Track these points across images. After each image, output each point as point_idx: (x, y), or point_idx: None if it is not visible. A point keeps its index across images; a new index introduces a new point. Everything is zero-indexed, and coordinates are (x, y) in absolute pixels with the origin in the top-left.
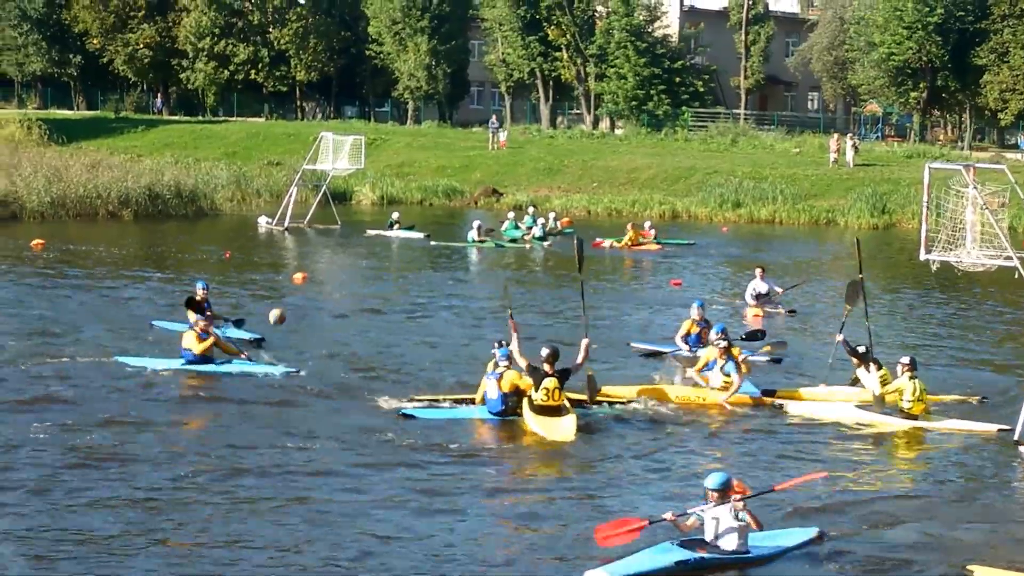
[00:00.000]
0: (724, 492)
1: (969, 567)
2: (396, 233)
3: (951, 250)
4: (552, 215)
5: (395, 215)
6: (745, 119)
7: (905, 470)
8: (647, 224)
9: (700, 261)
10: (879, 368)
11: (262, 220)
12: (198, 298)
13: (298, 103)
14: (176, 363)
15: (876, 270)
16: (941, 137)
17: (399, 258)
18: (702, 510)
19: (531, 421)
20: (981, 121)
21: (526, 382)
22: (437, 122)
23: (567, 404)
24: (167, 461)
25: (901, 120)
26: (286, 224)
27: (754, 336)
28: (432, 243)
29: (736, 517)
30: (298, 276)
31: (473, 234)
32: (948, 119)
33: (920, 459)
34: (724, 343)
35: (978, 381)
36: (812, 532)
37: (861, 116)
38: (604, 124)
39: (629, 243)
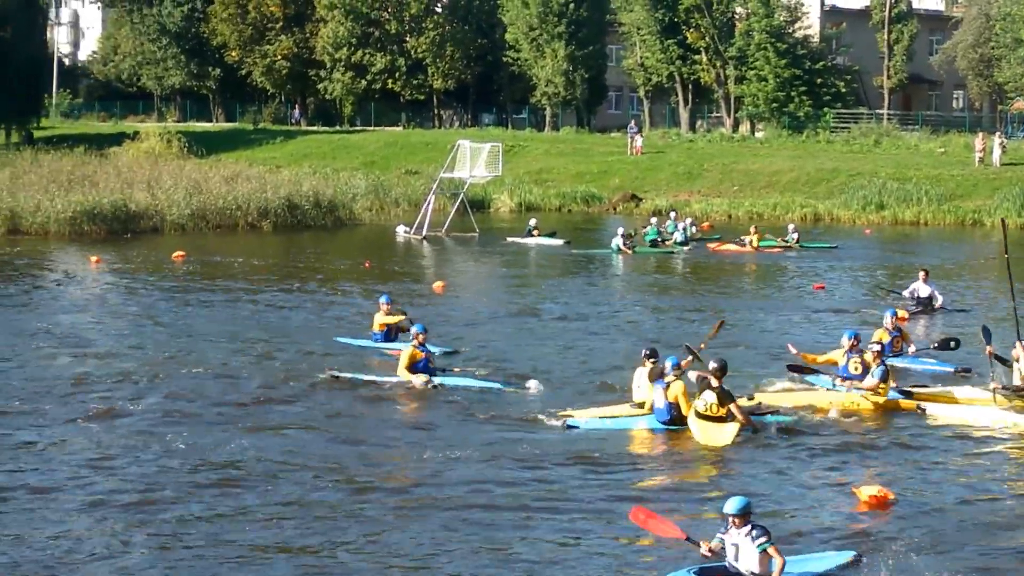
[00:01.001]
0: (745, 517)
1: None
2: (535, 240)
3: None
4: (689, 220)
5: (533, 222)
6: (888, 119)
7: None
8: (790, 227)
9: (843, 264)
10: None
11: (400, 229)
12: (383, 312)
13: (435, 111)
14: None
15: (1019, 272)
16: None
17: (538, 265)
18: (723, 536)
19: (692, 425)
20: None
21: (684, 397)
22: (575, 128)
23: (733, 415)
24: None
25: None
26: (424, 233)
27: (946, 346)
28: (574, 251)
29: (755, 544)
30: (437, 285)
31: (618, 241)
32: None
33: None
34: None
35: None
36: (847, 556)
37: (1008, 114)
38: (744, 127)
39: (755, 246)
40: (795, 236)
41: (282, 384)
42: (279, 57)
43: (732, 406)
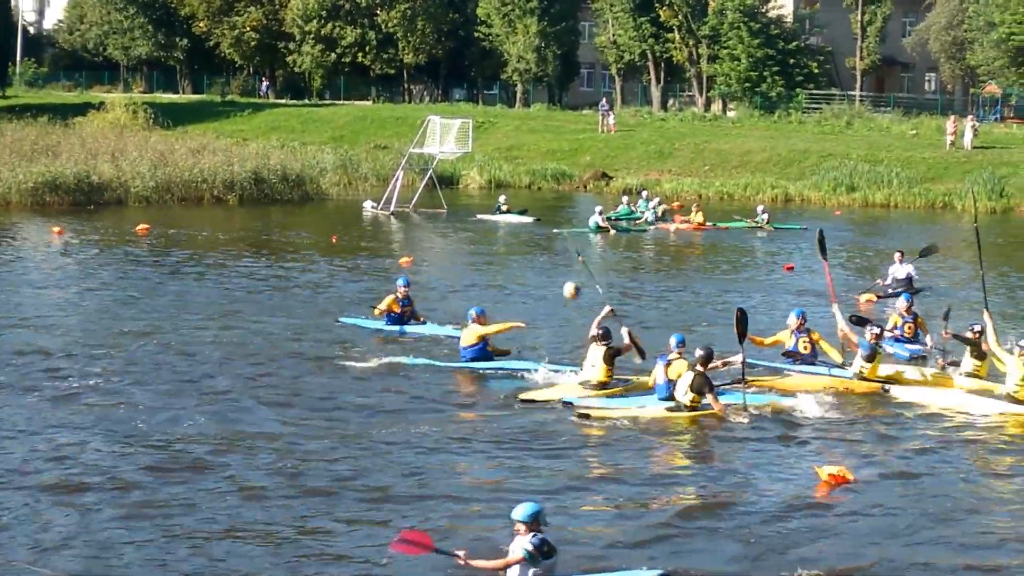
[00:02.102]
0: (533, 525)
1: None
2: (504, 218)
3: None
4: (657, 200)
5: (502, 199)
6: (860, 101)
7: (1010, 459)
8: (760, 208)
9: (812, 246)
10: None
11: (368, 204)
12: (399, 295)
13: (406, 86)
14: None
15: (990, 255)
16: None
17: (506, 243)
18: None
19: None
20: None
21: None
22: (546, 105)
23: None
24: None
25: (1021, 101)
26: (392, 208)
27: (861, 322)
28: (556, 231)
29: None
30: (404, 260)
31: (597, 219)
32: None
33: (1015, 445)
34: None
35: None
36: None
37: (980, 97)
38: (716, 106)
39: (699, 222)
40: (765, 217)
41: (245, 359)
42: (248, 29)
43: (709, 395)
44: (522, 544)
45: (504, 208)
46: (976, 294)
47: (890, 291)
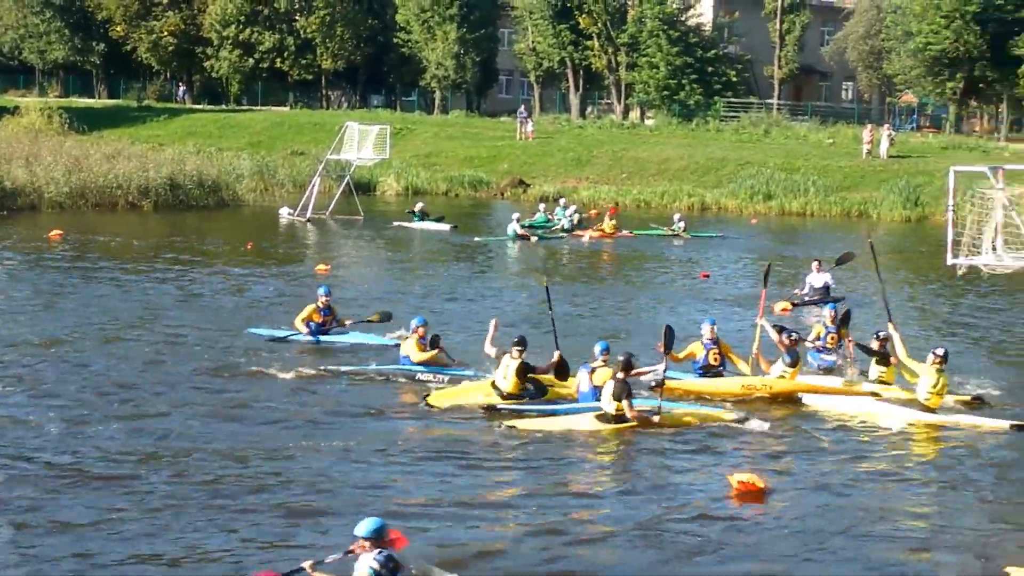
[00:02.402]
0: (377, 541)
1: (1007, 568)
2: (420, 225)
3: (978, 253)
4: (574, 207)
5: (419, 205)
6: (778, 109)
7: (921, 466)
8: (676, 216)
9: (730, 253)
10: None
11: (284, 211)
12: (320, 304)
13: (324, 92)
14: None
15: (907, 265)
16: (977, 128)
17: (424, 250)
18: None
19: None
20: (1018, 112)
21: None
22: (465, 112)
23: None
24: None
25: (937, 111)
26: (308, 215)
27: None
28: (477, 239)
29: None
30: (321, 267)
31: (516, 227)
32: (985, 110)
33: (937, 455)
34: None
35: (1000, 378)
36: None
37: (896, 107)
38: (635, 114)
39: (610, 230)
40: (682, 225)
41: (156, 369)
42: (165, 33)
43: (625, 401)
44: (367, 562)
45: (417, 210)
46: (890, 297)
47: (807, 299)
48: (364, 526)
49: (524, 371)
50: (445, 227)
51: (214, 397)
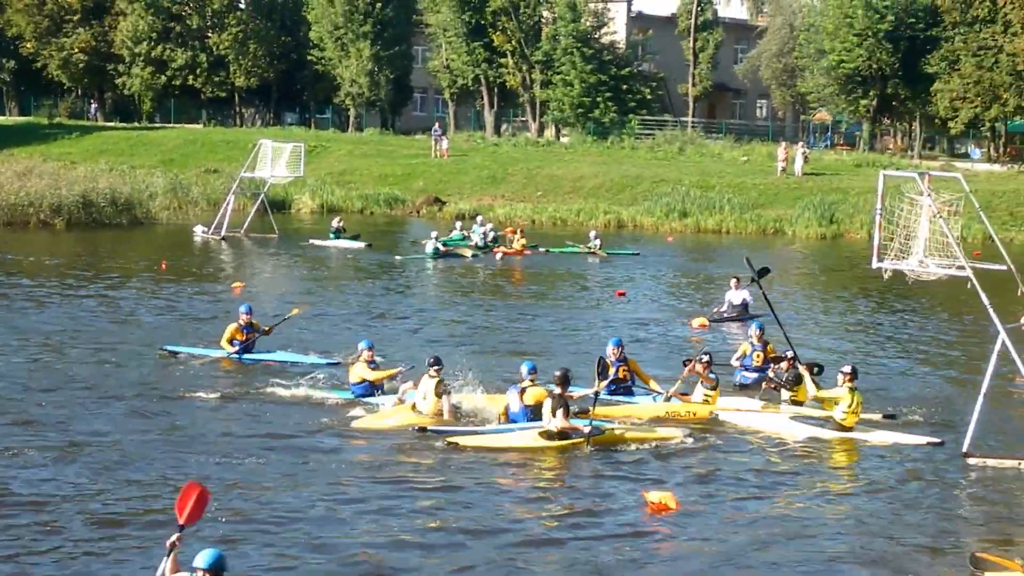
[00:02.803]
0: (215, 572)
1: None
2: (335, 243)
3: (903, 259)
4: (489, 225)
5: (337, 223)
6: (693, 127)
7: (837, 483)
8: (592, 233)
9: (646, 271)
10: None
11: (198, 229)
12: (242, 322)
13: (237, 109)
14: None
15: (823, 280)
16: (891, 146)
17: (341, 267)
18: None
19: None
20: (931, 130)
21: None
22: (379, 129)
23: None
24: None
25: (850, 128)
26: (223, 233)
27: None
28: (397, 258)
29: None
30: (236, 285)
31: (436, 244)
32: (898, 127)
33: (853, 472)
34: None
35: (920, 392)
36: None
37: (810, 124)
38: (549, 132)
39: (519, 248)
40: (598, 242)
41: (68, 391)
42: (76, 50)
43: (560, 413)
44: None
45: (335, 226)
46: (810, 315)
47: (725, 316)
48: (203, 558)
49: (443, 391)
50: (360, 244)
51: (139, 420)
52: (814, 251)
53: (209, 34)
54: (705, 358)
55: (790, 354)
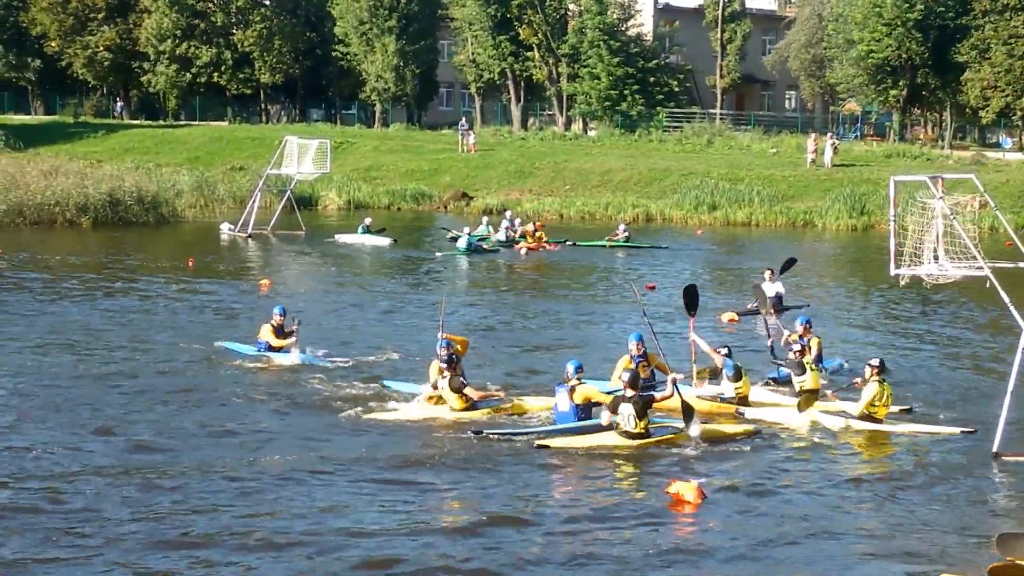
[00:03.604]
0: None
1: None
2: (361, 239)
3: (920, 263)
4: (518, 220)
5: (368, 220)
6: (721, 119)
7: (868, 475)
8: (621, 227)
9: (675, 265)
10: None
11: (224, 227)
12: (275, 323)
13: (262, 106)
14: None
15: (851, 273)
16: (921, 136)
17: (368, 263)
18: None
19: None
20: (962, 119)
21: (601, 395)
22: (405, 124)
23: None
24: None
25: (880, 119)
26: (249, 231)
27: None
28: (438, 255)
29: None
30: (263, 283)
31: (467, 240)
32: (928, 117)
33: (885, 464)
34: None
35: (947, 389)
36: None
37: (840, 115)
38: (577, 125)
39: (537, 244)
40: (626, 235)
41: (101, 386)
42: (101, 48)
43: (644, 419)
44: None
45: (371, 229)
46: (838, 307)
47: (758, 310)
48: None
49: (460, 387)
50: (385, 241)
51: (173, 417)
52: (844, 243)
53: (234, 31)
54: (724, 350)
55: (796, 348)
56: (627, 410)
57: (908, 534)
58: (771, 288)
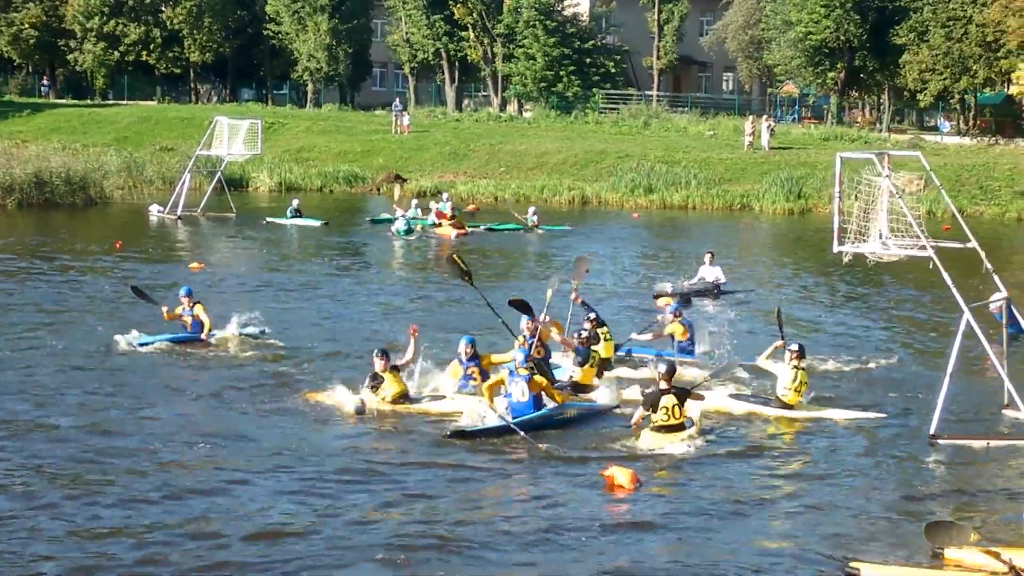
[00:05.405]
0: None
1: (853, 564)
2: (293, 221)
3: (864, 241)
4: (449, 202)
5: (295, 202)
6: (658, 101)
7: (786, 463)
8: (531, 210)
9: (609, 249)
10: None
11: (153, 208)
12: (183, 306)
13: (192, 86)
14: None
15: (788, 256)
16: (859, 119)
17: (299, 246)
18: None
19: (650, 442)
20: (900, 102)
21: (552, 389)
22: (338, 105)
23: (692, 420)
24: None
25: (818, 102)
26: (179, 212)
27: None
28: (389, 232)
29: None
30: (193, 265)
31: (401, 224)
32: (866, 100)
33: (803, 452)
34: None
35: (885, 373)
36: None
37: (777, 97)
38: (512, 107)
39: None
40: (535, 218)
41: (17, 374)
42: (27, 26)
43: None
44: None
45: (296, 211)
46: (775, 291)
47: (695, 290)
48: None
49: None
50: (316, 223)
51: (86, 405)
52: (781, 226)
53: (163, 8)
54: (584, 333)
55: (586, 325)
56: (669, 401)
57: (837, 518)
58: (711, 272)
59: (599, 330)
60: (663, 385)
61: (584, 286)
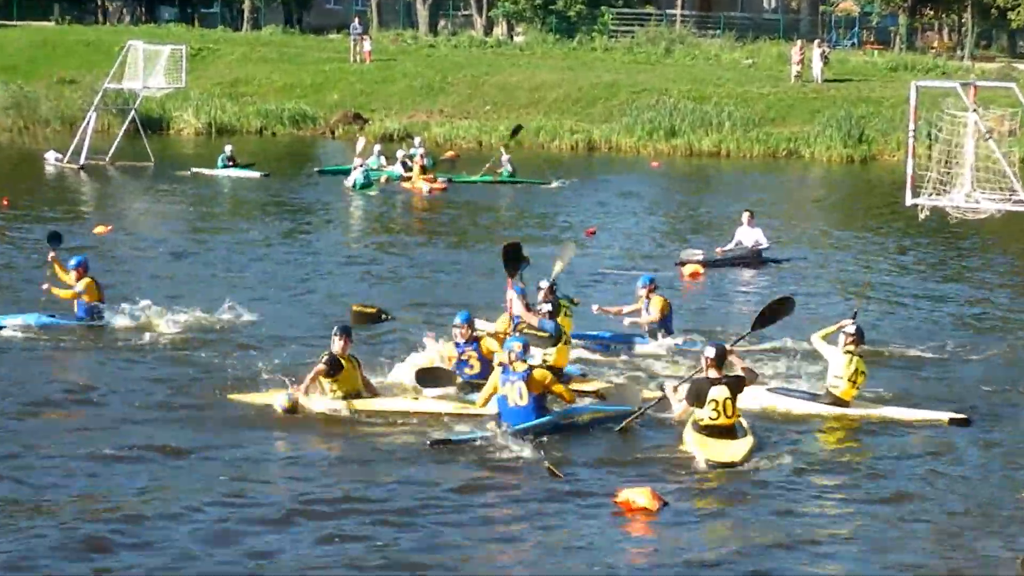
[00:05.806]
0: None
1: None
2: (226, 172)
3: (944, 192)
4: (421, 149)
5: (228, 148)
6: (682, 22)
7: (833, 474)
8: (504, 158)
9: (622, 204)
10: None
11: (51, 156)
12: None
13: (99, 3)
14: None
15: (849, 216)
16: (935, 44)
17: (230, 203)
18: None
19: (694, 445)
20: (986, 23)
21: (561, 386)
22: (282, 27)
23: (742, 422)
24: None
25: (883, 22)
26: (82, 161)
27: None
28: (348, 184)
29: None
30: (100, 228)
31: (358, 176)
32: (944, 20)
33: (854, 459)
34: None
35: (965, 362)
36: None
37: (832, 17)
38: (500, 29)
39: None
40: (509, 168)
41: None
42: None
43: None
44: None
45: (230, 161)
46: (831, 258)
47: (730, 258)
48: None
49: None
50: (255, 174)
51: None
52: (838, 178)
53: None
54: (548, 307)
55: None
56: (720, 394)
57: (912, 547)
58: (749, 234)
59: (561, 301)
60: (712, 373)
61: (590, 252)
